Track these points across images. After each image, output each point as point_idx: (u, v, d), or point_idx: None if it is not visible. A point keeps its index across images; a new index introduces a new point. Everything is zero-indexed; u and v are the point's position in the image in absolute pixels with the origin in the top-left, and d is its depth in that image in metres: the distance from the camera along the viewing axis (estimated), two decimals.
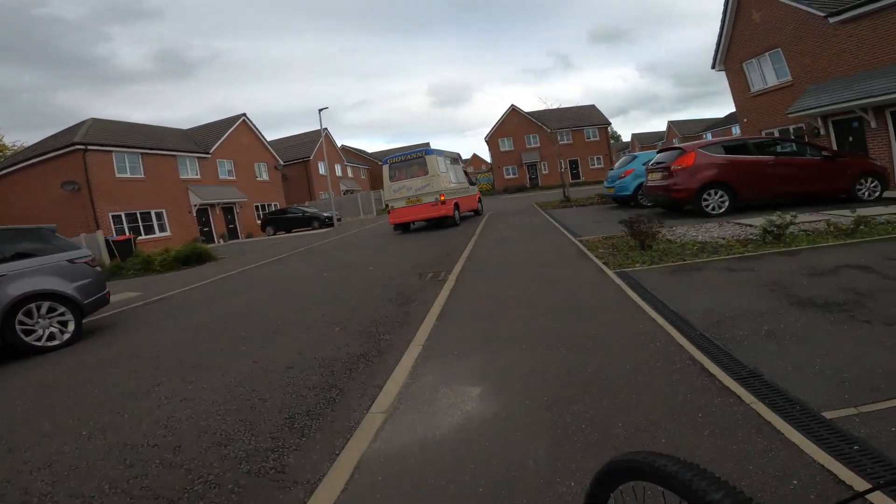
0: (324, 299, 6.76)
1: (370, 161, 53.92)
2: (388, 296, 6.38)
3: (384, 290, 6.75)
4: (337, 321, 5.51)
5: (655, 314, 3.96)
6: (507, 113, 44.14)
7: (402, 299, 6.11)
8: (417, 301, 5.89)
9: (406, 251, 10.51)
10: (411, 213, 14.05)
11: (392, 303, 5.99)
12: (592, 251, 6.93)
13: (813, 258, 5.19)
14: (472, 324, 4.50)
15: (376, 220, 25.18)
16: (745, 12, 15.18)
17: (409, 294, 6.32)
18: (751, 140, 9.38)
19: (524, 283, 5.73)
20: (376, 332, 4.86)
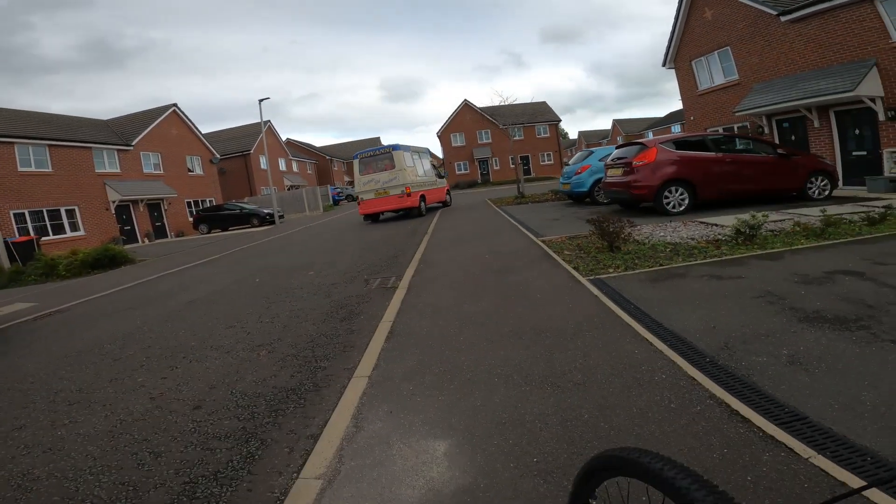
0: (251, 312, 5.74)
1: (317, 155, 51.73)
2: (329, 308, 5.48)
3: (324, 301, 5.82)
4: (264, 342, 4.57)
5: (649, 335, 3.32)
6: (460, 108, 43.61)
7: (346, 313, 5.22)
8: (363, 315, 5.03)
9: (352, 252, 9.54)
10: (379, 204, 14.86)
11: (333, 317, 5.10)
12: (558, 253, 6.30)
13: (798, 262, 4.79)
14: (429, 348, 3.70)
15: (323, 217, 23.74)
16: (698, 10, 15.27)
17: (354, 306, 5.44)
18: (709, 137, 9.19)
19: (486, 293, 4.99)
20: (312, 358, 3.99)
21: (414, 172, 15.22)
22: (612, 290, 4.49)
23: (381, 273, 7.09)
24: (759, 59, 13.41)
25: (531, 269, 5.64)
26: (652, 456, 0.84)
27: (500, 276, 5.60)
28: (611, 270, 5.18)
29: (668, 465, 0.79)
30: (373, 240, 11.16)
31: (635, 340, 3.29)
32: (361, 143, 62.60)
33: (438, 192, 17.79)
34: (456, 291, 5.26)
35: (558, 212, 11.50)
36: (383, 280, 6.56)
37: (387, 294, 5.76)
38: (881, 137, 10.73)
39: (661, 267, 5.08)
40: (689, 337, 3.25)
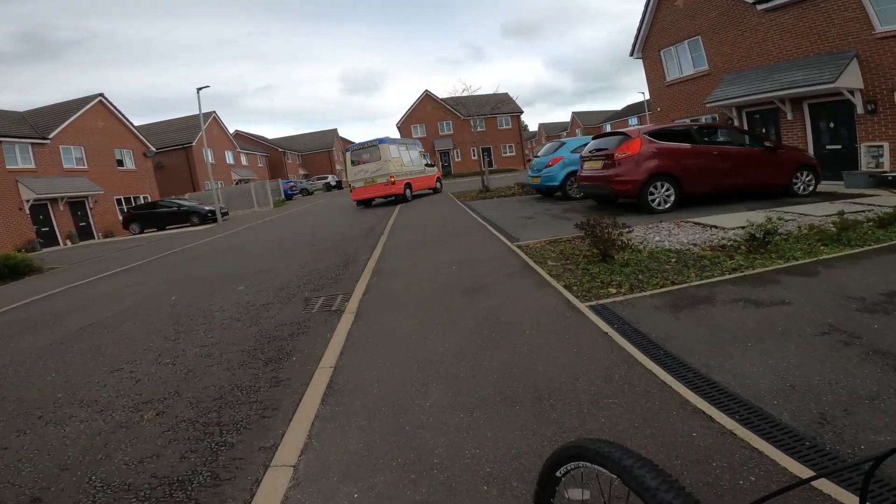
0: (151, 347, 4.40)
1: (270, 148, 48.85)
2: (253, 342, 4.20)
3: (249, 332, 4.51)
4: (156, 395, 3.37)
5: (704, 402, 2.30)
6: (421, 99, 42.13)
7: (273, 351, 3.96)
8: (296, 356, 3.80)
9: (297, 257, 8.13)
10: (368, 191, 16.46)
11: (255, 358, 3.84)
12: (541, 264, 5.20)
13: (840, 279, 3.88)
14: (382, 419, 2.58)
15: (272, 214, 21.80)
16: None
17: (286, 340, 4.17)
18: (695, 127, 8.36)
19: (456, 322, 3.80)
20: (216, 426, 2.84)
21: (399, 163, 16.52)
22: (624, 323, 3.40)
23: (327, 288, 5.80)
24: (730, 49, 12.85)
25: (511, 288, 4.49)
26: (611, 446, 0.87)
27: (472, 297, 4.42)
28: (612, 290, 4.11)
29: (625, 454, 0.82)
30: (322, 241, 9.75)
31: (686, 412, 2.23)
32: (317, 136, 59.95)
33: (427, 180, 19.20)
34: (417, 319, 4.06)
35: (529, 208, 10.44)
36: (328, 299, 5.28)
37: (330, 321, 4.51)
38: (858, 131, 10.32)
39: (676, 286, 4.05)
40: (764, 404, 2.24)
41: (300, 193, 39.37)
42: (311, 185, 42.21)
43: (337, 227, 12.39)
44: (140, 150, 26.74)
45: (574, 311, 3.73)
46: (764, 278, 4.06)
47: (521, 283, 4.58)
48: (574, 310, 3.75)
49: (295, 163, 53.80)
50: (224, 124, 37.89)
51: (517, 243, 6.37)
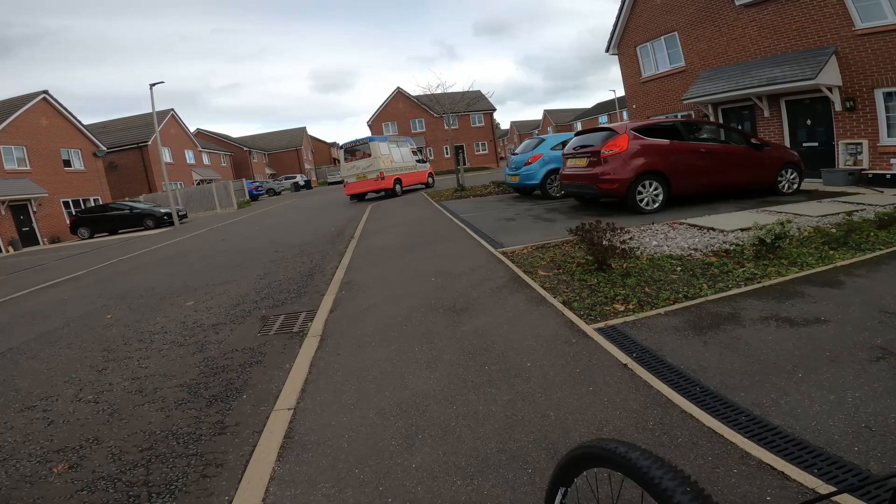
0: (73, 380, 3.85)
1: (234, 147, 46.90)
2: (196, 375, 3.56)
3: (192, 360, 3.82)
4: (69, 444, 2.82)
5: (779, 460, 1.86)
6: (393, 96, 41.18)
7: (220, 386, 3.32)
8: (247, 392, 3.15)
9: (256, 266, 7.31)
10: (360, 186, 17.16)
11: (197, 396, 3.25)
12: (531, 275, 4.62)
13: (871, 290, 3.47)
14: (356, 491, 1.99)
15: (235, 216, 20.56)
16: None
17: (235, 371, 3.51)
18: (682, 123, 7.97)
19: (440, 352, 3.17)
20: (143, 494, 2.24)
21: (389, 160, 17.28)
22: (643, 350, 2.85)
23: (289, 303, 5.08)
24: (707, 45, 12.65)
25: (502, 306, 3.89)
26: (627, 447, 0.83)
27: (456, 317, 3.79)
28: (618, 307, 3.56)
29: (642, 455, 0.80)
30: (286, 246, 8.93)
31: (749, 468, 1.76)
32: (285, 134, 58.13)
33: (418, 175, 19.91)
34: (394, 346, 3.41)
35: (509, 208, 9.88)
36: (289, 318, 4.57)
37: (290, 346, 3.83)
38: (836, 129, 10.22)
39: (691, 301, 3.54)
40: (843, 452, 1.81)
41: (266, 194, 37.86)
42: (278, 185, 40.68)
43: (303, 230, 11.54)
44: (89, 150, 24.92)
45: (580, 335, 3.16)
46: (787, 291, 3.59)
47: (512, 300, 3.98)
48: (580, 334, 3.17)
49: (261, 162, 51.94)
50: (184, 122, 36.01)
51: (502, 249, 5.77)
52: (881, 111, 9.36)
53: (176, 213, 19.28)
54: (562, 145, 10.71)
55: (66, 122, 23.76)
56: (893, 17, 8.74)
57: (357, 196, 17.78)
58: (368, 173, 16.71)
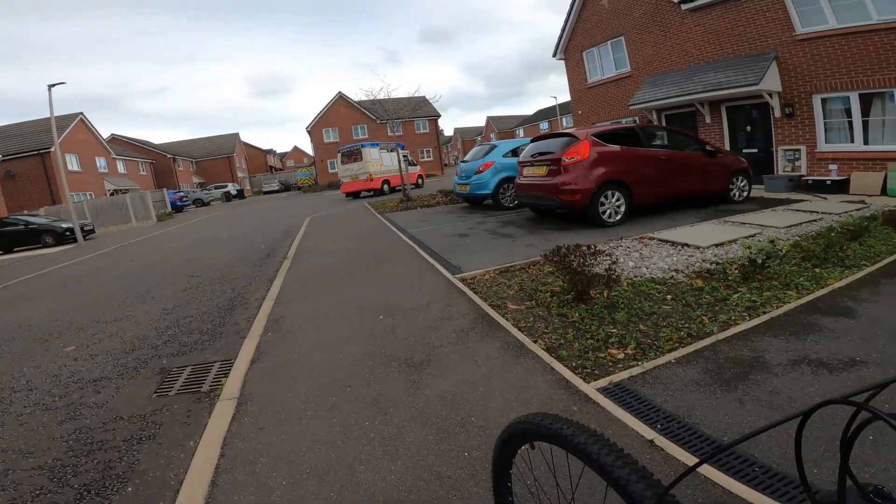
0: None
1: (156, 154, 43.06)
2: (62, 451, 2.71)
3: (60, 430, 2.97)
4: None
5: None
6: (334, 101, 39.39)
7: (94, 472, 2.65)
8: (133, 484, 2.47)
9: (164, 295, 6.05)
10: (353, 185, 20.31)
11: (61, 486, 2.47)
12: (500, 309, 3.84)
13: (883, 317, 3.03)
14: None
15: (154, 230, 18.34)
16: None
17: (118, 450, 2.78)
18: (640, 129, 7.59)
19: (401, 436, 2.31)
20: None
21: (378, 163, 20.26)
22: (669, 419, 2.19)
23: (198, 349, 4.02)
24: (652, 50, 12.65)
25: (472, 358, 3.07)
26: (563, 422, 0.87)
27: (416, 376, 2.93)
28: (616, 353, 2.87)
29: (578, 430, 0.83)
30: (206, 268, 7.63)
31: None
32: (215, 140, 54.47)
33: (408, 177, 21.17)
34: (334, 419, 2.54)
35: (461, 222, 9.12)
36: (197, 371, 3.56)
37: (197, 415, 2.90)
38: (775, 135, 10.38)
39: (699, 341, 2.91)
40: None
41: (193, 204, 34.96)
42: (206, 195, 37.69)
43: (229, 247, 10.16)
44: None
45: (582, 399, 2.42)
46: (800, 323, 3.07)
47: (483, 349, 3.17)
48: (582, 398, 2.43)
49: (188, 170, 48.20)
50: (94, 127, 32.41)
51: (460, 275, 4.94)
52: (819, 117, 9.54)
53: (80, 229, 16.86)
54: (513, 153, 10.15)
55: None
56: (834, 22, 8.86)
57: (352, 194, 20.81)
58: (360, 175, 19.81)
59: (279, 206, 23.90)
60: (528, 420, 0.98)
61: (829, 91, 9.20)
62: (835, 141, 9.51)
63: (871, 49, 8.43)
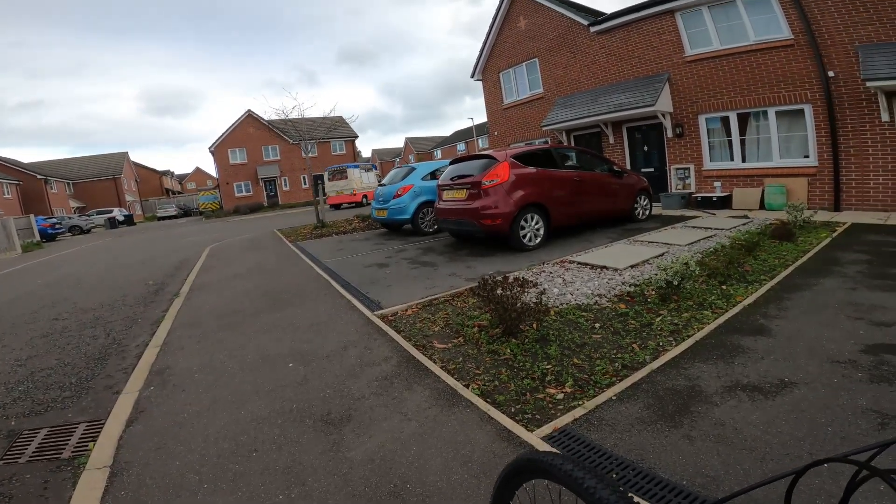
0: None
1: (24, 174, 37.29)
2: None
3: None
4: None
5: None
6: (242, 119, 36.87)
7: None
8: None
9: (19, 341, 4.85)
10: (338, 199, 24.31)
11: None
12: (425, 350, 3.49)
13: (798, 336, 3.12)
14: None
15: (15, 263, 15.46)
16: (513, 19, 14.55)
17: None
18: (555, 150, 7.76)
19: None
20: None
21: (360, 181, 24.67)
22: (622, 466, 1.98)
23: (58, 407, 3.32)
24: (563, 71, 13.26)
25: (400, 410, 2.67)
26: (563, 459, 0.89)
27: (336, 435, 2.48)
28: (554, 392, 2.66)
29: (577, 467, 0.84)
30: (75, 310, 6.38)
31: None
32: (99, 160, 48.74)
33: None
34: (238, 493, 2.09)
35: (379, 250, 8.65)
36: (56, 433, 2.93)
37: (56, 488, 2.35)
38: (668, 154, 11.25)
39: (636, 374, 2.79)
40: None
41: (69, 232, 30.62)
42: (86, 222, 33.19)
43: (109, 283, 8.76)
44: None
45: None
46: (723, 345, 3.10)
47: (412, 398, 2.79)
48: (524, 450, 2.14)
49: (64, 193, 42.42)
50: None
51: (380, 312, 4.50)
52: (704, 136, 10.45)
53: None
54: (431, 175, 9.98)
55: None
56: (718, 44, 9.74)
57: (335, 206, 24.43)
58: (345, 190, 24.11)
59: (175, 233, 21.62)
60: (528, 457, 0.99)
61: (712, 111, 10.12)
62: (718, 159, 10.47)
63: (748, 69, 9.33)
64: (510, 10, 14.77)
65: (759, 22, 9.19)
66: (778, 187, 9.24)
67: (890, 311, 3.40)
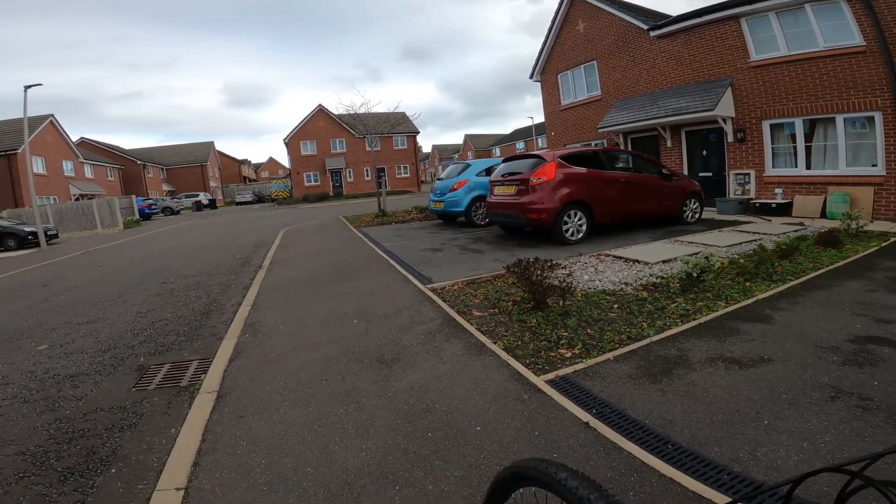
0: None
1: (126, 159, 42.10)
2: (43, 438, 2.84)
3: (39, 420, 3.03)
4: None
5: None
6: (314, 113, 39.40)
7: (77, 457, 2.86)
8: (117, 466, 2.62)
9: (136, 299, 6.12)
10: None
11: (43, 470, 2.52)
12: (465, 315, 4.19)
13: (800, 325, 3.50)
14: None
15: (120, 237, 18.01)
16: (572, 22, 14.86)
17: (100, 436, 2.96)
18: (603, 152, 8.17)
19: (372, 420, 2.59)
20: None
21: None
22: (603, 405, 2.58)
23: (176, 349, 4.21)
24: (622, 74, 13.37)
25: (438, 356, 3.39)
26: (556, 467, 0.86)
27: (386, 371, 3.23)
28: (565, 352, 3.24)
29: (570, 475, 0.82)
30: (178, 276, 7.69)
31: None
32: (188, 148, 53.66)
33: None
34: (310, 408, 2.82)
35: (433, 237, 9.49)
36: (176, 368, 3.75)
37: (177, 407, 3.21)
38: (728, 159, 11.13)
39: (636, 343, 3.32)
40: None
41: (162, 213, 34.26)
42: (176, 204, 36.99)
43: (203, 255, 10.21)
44: None
45: (532, 389, 2.77)
46: (722, 328, 3.52)
47: (449, 348, 3.51)
48: (531, 388, 2.79)
49: (158, 177, 47.24)
50: (64, 130, 31.61)
51: (430, 286, 5.29)
52: (767, 142, 10.27)
53: (44, 233, 16.44)
54: (486, 171, 10.62)
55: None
56: (785, 50, 9.57)
57: None
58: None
59: (252, 217, 23.78)
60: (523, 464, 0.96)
61: (777, 117, 9.93)
62: (781, 166, 10.25)
63: (816, 75, 9.13)
64: (569, 14, 15.01)
65: (828, 28, 8.98)
66: (841, 196, 8.99)
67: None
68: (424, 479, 2.04)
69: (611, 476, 1.97)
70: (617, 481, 1.93)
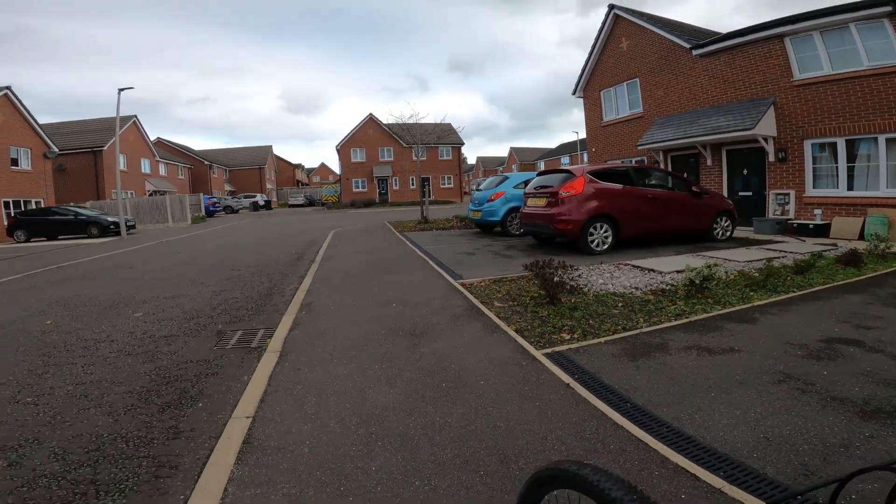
0: (7, 382, 3.75)
1: (194, 159, 45.66)
2: (145, 381, 3.59)
3: (142, 368, 3.85)
4: (7, 442, 2.87)
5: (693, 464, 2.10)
6: (364, 122, 41.36)
7: (173, 394, 3.54)
8: (203, 401, 3.35)
9: (210, 281, 7.17)
10: None
11: (147, 403, 3.25)
12: (488, 305, 4.88)
13: (780, 327, 3.94)
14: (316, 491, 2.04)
15: (188, 231, 19.90)
16: (616, 40, 15.28)
17: (190, 381, 3.64)
18: (633, 169, 8.65)
19: (400, 375, 3.31)
20: (89, 491, 2.25)
21: None
22: (584, 373, 3.17)
23: (246, 320, 5.12)
24: (664, 92, 13.59)
25: (459, 332, 4.10)
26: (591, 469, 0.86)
27: (415, 341, 3.97)
28: (565, 336, 3.86)
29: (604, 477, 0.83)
30: (243, 266, 8.79)
31: (668, 471, 2.05)
32: (249, 151, 57.31)
33: None
34: (352, 365, 3.55)
35: (470, 243, 10.23)
36: (247, 334, 4.58)
37: (248, 362, 3.90)
38: (768, 179, 11.11)
39: (628, 332, 3.88)
40: (745, 458, 2.16)
41: (223, 211, 36.92)
42: (236, 203, 39.75)
43: (262, 250, 11.42)
44: (40, 150, 23.62)
45: (530, 359, 3.42)
46: (709, 325, 4.01)
47: (469, 327, 4.21)
48: (529, 358, 3.44)
49: (221, 178, 50.75)
50: (144, 130, 34.90)
51: (461, 281, 6.03)
52: (808, 162, 10.23)
53: (124, 223, 18.51)
54: (524, 184, 11.25)
55: (21, 119, 22.48)
56: (829, 69, 9.57)
57: None
58: None
59: (304, 218, 25.45)
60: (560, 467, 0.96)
61: (819, 136, 9.90)
62: (821, 186, 10.19)
63: (860, 94, 9.11)
64: (612, 32, 15.39)
65: (873, 47, 9.00)
66: (880, 218, 8.94)
67: (885, 321, 3.95)
68: (434, 413, 2.72)
69: (576, 420, 2.56)
70: (580, 424, 2.52)
